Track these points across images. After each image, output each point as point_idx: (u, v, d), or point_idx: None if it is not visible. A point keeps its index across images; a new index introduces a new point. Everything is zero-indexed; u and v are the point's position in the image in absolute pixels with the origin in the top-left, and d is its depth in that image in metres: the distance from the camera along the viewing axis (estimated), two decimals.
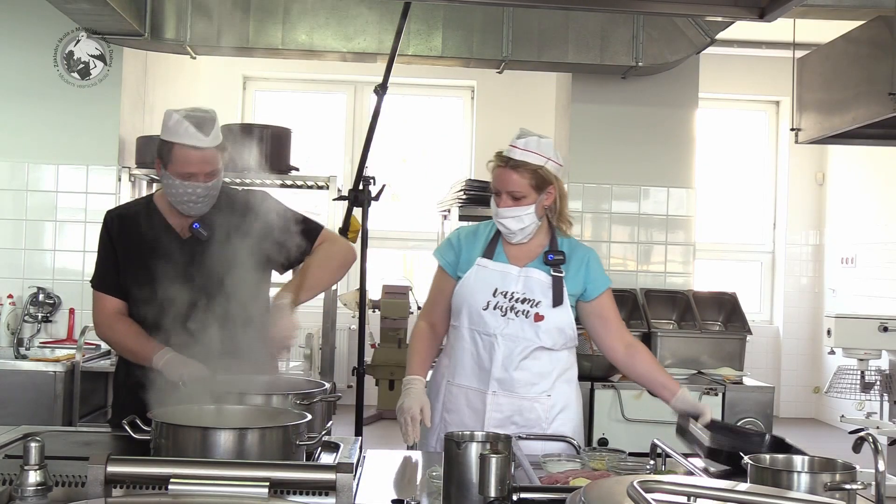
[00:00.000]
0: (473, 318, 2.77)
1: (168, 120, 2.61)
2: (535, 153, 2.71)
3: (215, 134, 2.62)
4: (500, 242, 2.83)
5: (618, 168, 5.59)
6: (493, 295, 2.76)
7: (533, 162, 2.71)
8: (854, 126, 5.10)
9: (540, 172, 2.72)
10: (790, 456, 1.93)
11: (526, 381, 2.76)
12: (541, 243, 2.83)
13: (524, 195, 2.72)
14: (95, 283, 2.78)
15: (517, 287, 2.76)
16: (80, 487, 1.81)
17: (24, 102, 5.27)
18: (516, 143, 2.73)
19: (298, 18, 5.08)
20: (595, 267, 2.85)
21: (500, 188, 2.74)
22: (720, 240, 8.63)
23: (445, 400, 2.82)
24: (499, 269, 2.78)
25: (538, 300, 2.75)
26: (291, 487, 1.69)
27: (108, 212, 2.85)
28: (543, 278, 2.77)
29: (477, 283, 2.78)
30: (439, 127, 8.45)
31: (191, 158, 2.58)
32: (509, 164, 2.71)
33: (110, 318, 2.75)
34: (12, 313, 5.05)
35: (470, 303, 2.77)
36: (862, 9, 4.82)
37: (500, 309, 2.75)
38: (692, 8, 2.56)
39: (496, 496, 1.69)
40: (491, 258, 2.80)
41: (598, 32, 5.16)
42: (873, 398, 5.35)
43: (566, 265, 2.79)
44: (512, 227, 2.75)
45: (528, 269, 2.78)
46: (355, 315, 4.48)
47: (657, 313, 5.25)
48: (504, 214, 2.74)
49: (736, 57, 7.79)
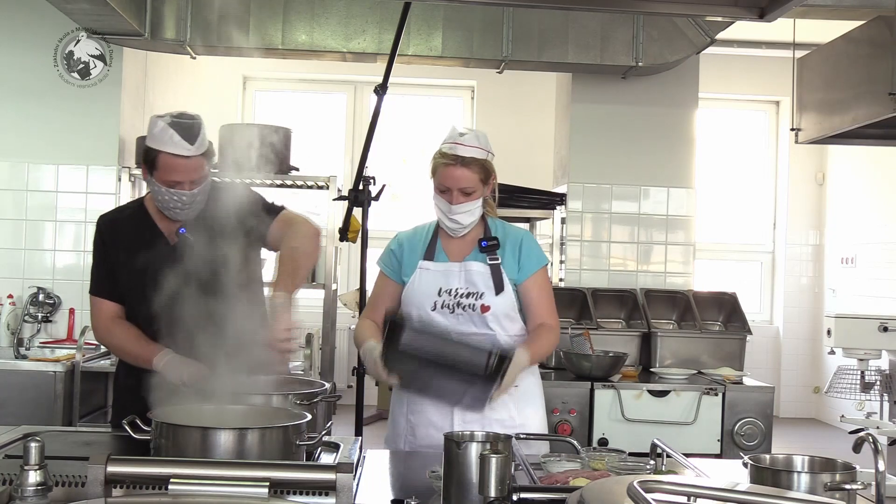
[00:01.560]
0: (424, 320, 2.79)
1: (153, 127, 2.59)
2: (479, 147, 2.79)
3: (201, 142, 2.60)
4: (438, 241, 2.89)
5: (618, 168, 5.59)
6: (438, 295, 2.80)
7: (479, 157, 2.78)
8: (854, 126, 5.10)
9: (486, 165, 2.80)
10: (790, 456, 1.93)
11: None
12: (476, 234, 2.87)
13: (474, 189, 2.78)
14: (92, 288, 2.79)
15: (459, 283, 2.80)
16: (80, 487, 1.81)
17: (24, 102, 5.26)
18: (461, 140, 2.78)
19: (298, 18, 5.08)
20: (526, 249, 2.86)
21: (451, 185, 2.78)
22: (720, 240, 8.64)
23: (409, 401, 2.82)
24: (440, 269, 2.83)
25: (481, 291, 2.78)
26: (291, 487, 1.69)
27: (100, 217, 2.87)
28: (482, 269, 2.81)
29: (421, 286, 2.82)
30: (439, 127, 8.44)
31: (176, 167, 2.57)
32: (460, 162, 2.76)
33: (108, 323, 2.76)
34: (12, 313, 5.05)
35: (418, 306, 2.81)
36: (862, 9, 4.82)
37: (448, 307, 2.79)
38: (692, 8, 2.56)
39: (496, 496, 1.69)
40: (432, 259, 2.85)
41: (598, 32, 5.16)
42: (873, 398, 5.34)
43: (501, 250, 2.83)
44: (464, 222, 2.81)
45: (467, 263, 2.82)
46: (355, 315, 4.48)
47: (657, 313, 5.25)
48: (458, 211, 2.78)
49: (736, 57, 7.79)
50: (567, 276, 5.57)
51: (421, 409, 2.80)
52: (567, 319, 4.99)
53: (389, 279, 2.91)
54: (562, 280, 5.61)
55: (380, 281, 2.97)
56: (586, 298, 5.15)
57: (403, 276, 2.87)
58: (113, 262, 2.75)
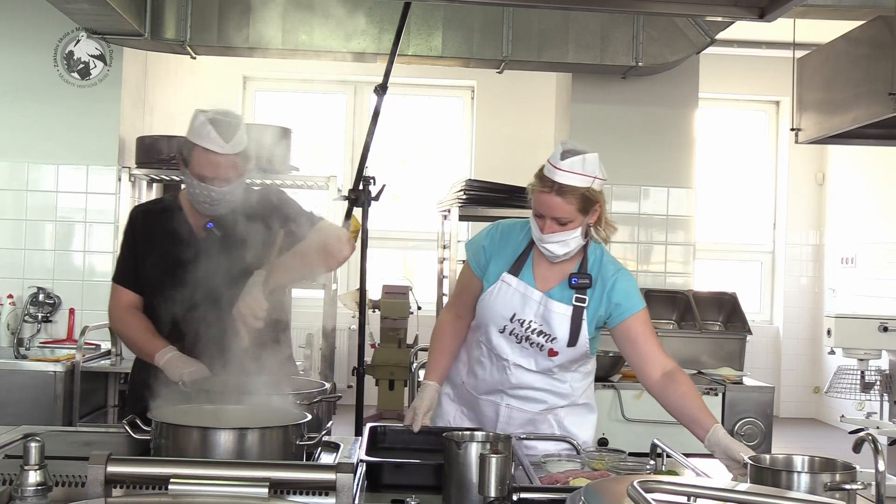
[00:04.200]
0: (490, 338, 2.70)
1: (194, 120, 2.61)
2: (580, 174, 2.48)
3: (237, 140, 2.59)
4: (530, 255, 2.67)
5: (618, 168, 5.57)
6: (510, 320, 2.63)
7: (580, 185, 2.48)
8: (854, 126, 5.10)
9: (587, 195, 2.51)
10: (790, 456, 1.93)
11: (541, 398, 2.73)
12: (572, 262, 2.65)
13: (571, 220, 2.52)
14: (115, 275, 2.83)
15: (534, 317, 2.62)
16: (80, 487, 1.81)
17: (24, 102, 5.26)
18: (560, 164, 2.48)
19: (298, 18, 5.08)
20: (620, 290, 2.61)
21: (545, 213, 2.52)
22: (720, 240, 8.63)
23: (458, 395, 2.83)
24: (521, 291, 2.63)
25: (554, 336, 2.61)
26: (291, 487, 1.69)
27: (134, 207, 2.94)
28: (563, 311, 2.60)
29: (497, 303, 2.65)
30: (439, 127, 8.44)
31: (209, 162, 2.58)
32: (555, 190, 2.48)
33: (123, 311, 2.79)
34: (12, 313, 5.05)
35: (488, 322, 2.69)
36: (862, 9, 4.82)
37: (515, 336, 2.64)
38: (692, 8, 2.55)
39: (496, 496, 1.69)
40: (517, 275, 2.64)
41: (598, 32, 5.16)
42: (873, 398, 5.34)
43: (591, 289, 2.61)
44: (557, 252, 2.57)
45: (550, 298, 2.61)
46: (355, 315, 4.48)
47: (657, 313, 5.24)
48: (549, 240, 2.55)
49: (736, 57, 7.79)
50: None
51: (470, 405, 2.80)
52: None
53: (474, 275, 2.73)
54: None
55: (465, 272, 2.79)
56: None
57: (486, 279, 2.69)
58: (139, 252, 2.77)
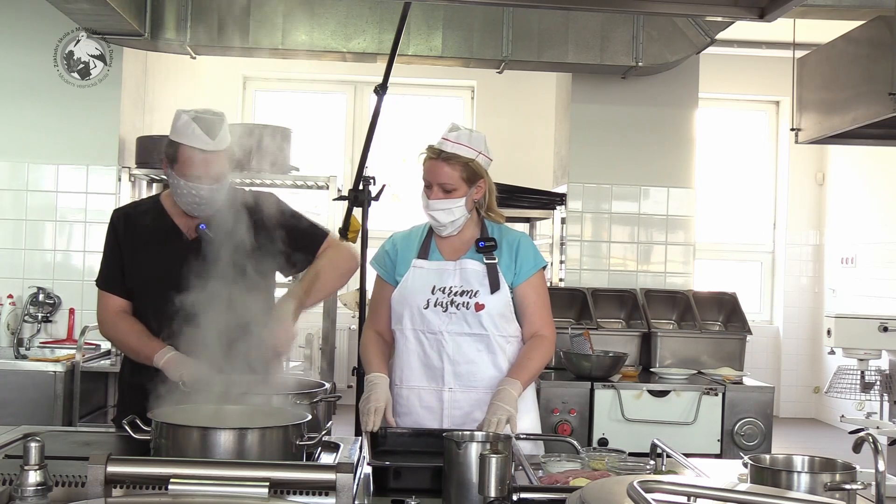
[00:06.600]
0: (416, 318, 2.77)
1: (177, 120, 2.62)
2: (466, 146, 2.76)
3: (222, 137, 2.62)
4: (433, 241, 2.86)
5: (618, 168, 5.59)
6: (431, 293, 2.77)
7: (464, 155, 2.75)
8: (854, 126, 5.09)
9: (471, 165, 2.76)
10: (790, 456, 1.93)
11: (482, 374, 2.76)
12: (472, 235, 2.85)
13: (455, 188, 2.75)
14: (100, 281, 2.80)
15: (454, 281, 2.77)
16: (80, 487, 1.81)
17: (24, 102, 5.26)
18: (448, 135, 2.78)
19: (298, 18, 5.08)
20: (524, 251, 2.82)
21: (432, 180, 2.77)
22: (720, 240, 8.64)
23: (396, 404, 2.79)
24: (434, 267, 2.81)
25: (476, 290, 2.76)
26: (291, 487, 1.69)
27: (114, 210, 2.88)
28: (478, 267, 2.78)
29: (415, 284, 2.79)
30: (439, 127, 8.42)
31: (196, 160, 2.59)
32: (441, 157, 2.75)
33: (114, 317, 2.77)
34: (12, 313, 5.05)
35: (410, 304, 2.78)
36: (862, 9, 4.82)
37: (441, 305, 2.76)
38: (692, 8, 2.56)
39: (496, 496, 1.69)
40: (426, 258, 2.83)
41: (598, 32, 5.16)
42: (873, 398, 5.34)
43: (498, 251, 2.80)
44: (442, 220, 2.78)
45: (463, 261, 2.80)
46: (355, 315, 4.48)
47: (657, 313, 5.25)
48: (435, 206, 2.77)
49: (736, 57, 7.79)
50: (567, 276, 5.57)
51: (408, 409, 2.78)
52: (567, 319, 5.00)
53: (386, 283, 2.89)
54: (562, 280, 5.61)
55: (377, 285, 2.94)
56: (586, 298, 5.15)
57: (397, 276, 2.84)
58: (124, 256, 2.75)
